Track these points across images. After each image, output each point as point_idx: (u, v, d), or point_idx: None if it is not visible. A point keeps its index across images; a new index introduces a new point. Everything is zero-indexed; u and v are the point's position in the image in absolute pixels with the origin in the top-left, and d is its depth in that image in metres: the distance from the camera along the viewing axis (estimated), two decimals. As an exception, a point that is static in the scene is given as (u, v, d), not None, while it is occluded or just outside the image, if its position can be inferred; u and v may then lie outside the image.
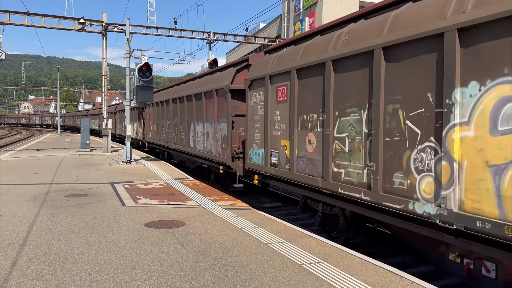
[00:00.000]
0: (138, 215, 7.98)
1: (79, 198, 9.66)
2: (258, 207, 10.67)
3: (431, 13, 4.96)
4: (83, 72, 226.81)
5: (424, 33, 4.89)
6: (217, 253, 5.66)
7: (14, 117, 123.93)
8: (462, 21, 4.43)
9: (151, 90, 16.99)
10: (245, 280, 4.72)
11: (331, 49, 6.78)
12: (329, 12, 27.78)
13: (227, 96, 11.47)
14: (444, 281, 5.72)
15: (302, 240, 6.33)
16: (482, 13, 4.23)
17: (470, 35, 4.40)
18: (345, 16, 7.15)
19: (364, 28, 6.27)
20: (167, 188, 11.29)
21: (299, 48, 8.01)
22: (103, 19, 22.04)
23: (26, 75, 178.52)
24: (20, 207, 8.53)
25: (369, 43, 5.84)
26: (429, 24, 4.88)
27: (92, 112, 55.07)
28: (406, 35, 5.18)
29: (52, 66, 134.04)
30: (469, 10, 4.39)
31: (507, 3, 3.99)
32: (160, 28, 24.55)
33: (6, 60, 22.12)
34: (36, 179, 12.58)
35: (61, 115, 75.35)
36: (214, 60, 22.07)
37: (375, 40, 5.74)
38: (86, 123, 25.64)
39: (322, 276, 4.82)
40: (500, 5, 4.06)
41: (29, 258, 5.44)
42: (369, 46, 5.81)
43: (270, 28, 38.17)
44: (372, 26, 6.06)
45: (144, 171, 14.89)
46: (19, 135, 56.21)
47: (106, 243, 6.13)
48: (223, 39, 26.71)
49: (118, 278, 4.75)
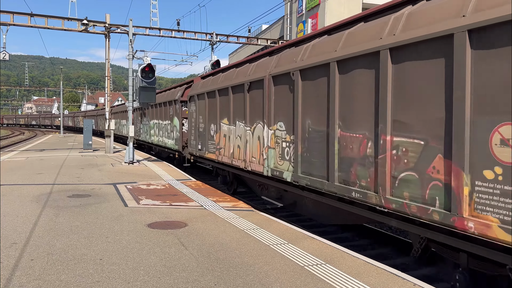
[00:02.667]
0: (140, 215, 7.98)
1: (82, 198, 9.67)
2: (260, 208, 10.66)
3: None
4: (86, 73, 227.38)
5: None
6: (219, 254, 5.66)
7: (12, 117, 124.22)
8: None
9: (153, 91, 17.01)
10: (247, 281, 4.72)
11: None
12: (332, 14, 27.77)
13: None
14: (447, 283, 5.70)
15: (304, 242, 6.33)
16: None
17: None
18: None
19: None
20: (169, 188, 11.30)
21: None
22: (106, 20, 22.09)
23: (29, 76, 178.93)
24: (23, 207, 8.55)
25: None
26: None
27: (90, 113, 55.42)
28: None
29: (55, 67, 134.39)
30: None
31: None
32: (163, 29, 24.58)
33: (9, 61, 22.14)
34: (39, 179, 12.61)
35: (53, 115, 75.68)
36: (217, 61, 22.07)
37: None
38: (89, 124, 25.69)
39: (324, 278, 4.81)
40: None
41: (32, 258, 5.45)
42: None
43: (272, 30, 38.18)
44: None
45: (146, 172, 14.91)
46: (22, 135, 56.37)
47: (108, 243, 6.14)
48: (226, 40, 26.71)
49: (120, 279, 4.76)
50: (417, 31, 4.94)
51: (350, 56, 6.02)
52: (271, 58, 9.16)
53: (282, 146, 8.26)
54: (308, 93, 7.24)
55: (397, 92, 5.25)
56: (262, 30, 40.70)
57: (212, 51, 25.34)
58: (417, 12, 5.13)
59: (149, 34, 24.01)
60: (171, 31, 24.91)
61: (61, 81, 54.24)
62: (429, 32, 4.72)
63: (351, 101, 6.09)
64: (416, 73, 4.98)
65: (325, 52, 6.74)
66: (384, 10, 6.04)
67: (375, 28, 5.75)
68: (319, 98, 6.91)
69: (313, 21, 29.80)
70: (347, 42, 6.25)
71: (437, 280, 5.84)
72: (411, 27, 5.05)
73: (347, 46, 6.18)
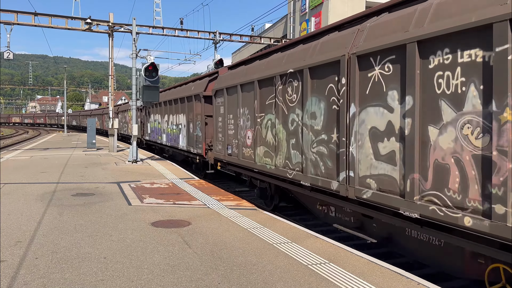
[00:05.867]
0: (144, 214, 8.00)
1: (86, 197, 9.70)
2: (263, 207, 10.66)
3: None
4: (89, 72, 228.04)
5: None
6: (222, 253, 5.67)
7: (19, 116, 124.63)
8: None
9: (157, 90, 17.02)
10: (251, 280, 4.72)
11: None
12: (335, 12, 27.71)
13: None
14: (451, 283, 5.68)
15: (308, 241, 6.32)
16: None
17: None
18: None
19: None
20: (173, 187, 11.32)
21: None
22: (109, 19, 22.13)
23: (33, 75, 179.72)
24: (27, 206, 8.59)
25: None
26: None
27: (84, 113, 55.62)
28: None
29: (59, 66, 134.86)
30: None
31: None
32: (166, 28, 24.60)
33: (13, 60, 22.26)
34: (43, 178, 12.66)
35: (49, 114, 75.74)
36: (220, 60, 22.08)
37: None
38: (92, 123, 25.77)
39: (328, 277, 4.81)
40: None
41: (36, 256, 5.47)
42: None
43: (276, 29, 38.13)
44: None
45: (150, 171, 14.93)
46: (25, 134, 56.59)
47: (112, 242, 6.15)
48: (229, 39, 26.71)
49: (125, 277, 4.77)
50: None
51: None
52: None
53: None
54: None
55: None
56: (265, 29, 40.65)
57: (215, 50, 25.37)
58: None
59: (153, 33, 24.04)
60: (174, 30, 24.94)
61: (64, 80, 54.39)
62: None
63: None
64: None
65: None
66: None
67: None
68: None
69: (316, 20, 29.74)
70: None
71: (440, 279, 5.81)
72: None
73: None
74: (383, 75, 5.58)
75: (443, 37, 4.66)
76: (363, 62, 5.94)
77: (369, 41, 5.86)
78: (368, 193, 5.78)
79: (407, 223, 5.34)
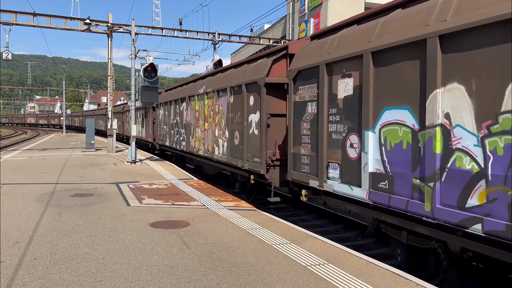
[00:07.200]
0: (143, 215, 7.99)
1: (84, 197, 9.69)
2: (262, 208, 10.65)
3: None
4: (88, 73, 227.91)
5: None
6: (221, 254, 5.66)
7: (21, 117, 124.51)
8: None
9: (156, 90, 17.03)
10: (249, 281, 4.71)
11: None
12: (334, 13, 27.74)
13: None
14: (451, 283, 5.69)
15: (306, 241, 6.32)
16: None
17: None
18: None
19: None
20: (172, 188, 11.31)
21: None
22: (108, 20, 22.12)
23: (32, 75, 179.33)
24: (26, 206, 8.57)
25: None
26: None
27: (86, 113, 55.64)
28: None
29: (57, 66, 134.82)
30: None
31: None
32: (165, 29, 24.60)
33: (12, 60, 22.24)
34: (41, 178, 12.64)
35: (41, 115, 75.57)
36: (219, 61, 22.07)
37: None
38: (91, 123, 25.75)
39: (327, 278, 4.81)
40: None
41: (35, 257, 5.46)
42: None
43: (275, 29, 38.17)
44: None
45: (148, 171, 14.92)
46: (24, 135, 56.52)
47: (111, 242, 6.14)
48: (228, 40, 26.72)
49: (123, 278, 4.76)
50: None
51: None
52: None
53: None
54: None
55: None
56: (264, 30, 40.69)
57: (214, 51, 25.37)
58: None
59: (152, 33, 24.04)
60: (173, 30, 24.93)
61: (63, 81, 54.40)
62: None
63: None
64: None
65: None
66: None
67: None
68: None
69: (315, 21, 29.76)
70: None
71: (440, 281, 5.81)
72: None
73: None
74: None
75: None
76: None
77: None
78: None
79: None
